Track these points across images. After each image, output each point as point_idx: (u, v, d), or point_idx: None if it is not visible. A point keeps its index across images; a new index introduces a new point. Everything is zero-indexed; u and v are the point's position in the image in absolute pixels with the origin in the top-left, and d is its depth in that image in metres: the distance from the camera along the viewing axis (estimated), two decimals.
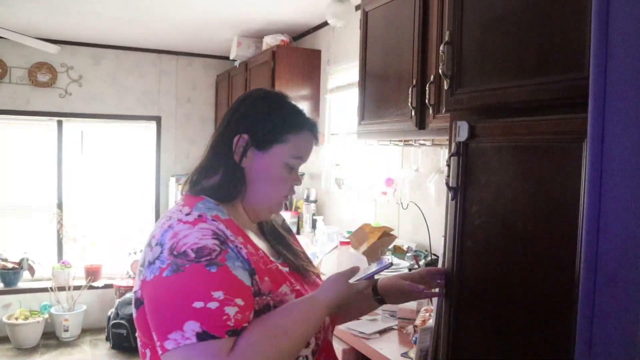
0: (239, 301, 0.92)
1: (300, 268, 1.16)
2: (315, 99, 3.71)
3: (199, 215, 0.99)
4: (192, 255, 0.92)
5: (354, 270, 1.11)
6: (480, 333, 1.13)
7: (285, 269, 1.11)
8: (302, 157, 1.12)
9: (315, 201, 3.51)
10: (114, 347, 4.15)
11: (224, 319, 0.89)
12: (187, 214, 0.99)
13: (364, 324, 1.91)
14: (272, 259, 1.08)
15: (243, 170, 1.09)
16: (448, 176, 1.20)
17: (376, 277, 1.18)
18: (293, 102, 1.16)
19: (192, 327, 0.87)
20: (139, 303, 0.99)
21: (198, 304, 0.89)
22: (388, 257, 1.13)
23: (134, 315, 1.01)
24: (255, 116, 1.10)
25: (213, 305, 0.89)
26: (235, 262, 0.96)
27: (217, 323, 0.89)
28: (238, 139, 1.08)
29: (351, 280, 1.09)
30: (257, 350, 0.91)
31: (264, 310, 0.99)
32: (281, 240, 1.22)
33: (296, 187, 1.18)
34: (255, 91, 1.19)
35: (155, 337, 0.92)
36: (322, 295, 1.04)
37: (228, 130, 1.10)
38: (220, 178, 1.09)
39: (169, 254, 0.93)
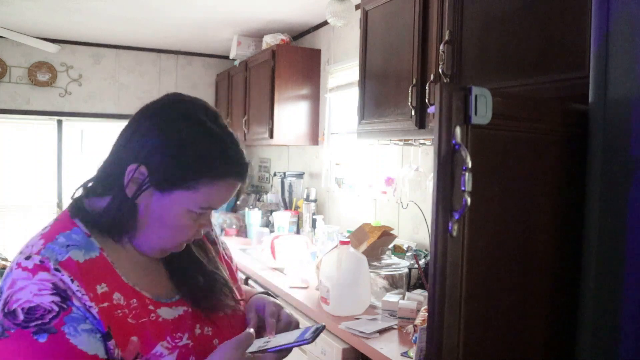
0: None
1: (204, 303, 0.94)
2: (315, 99, 3.71)
3: (41, 262, 0.78)
4: (21, 317, 0.75)
5: (250, 337, 0.87)
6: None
7: (181, 310, 0.90)
8: (215, 206, 0.90)
9: (315, 200, 3.51)
10: None
11: None
12: (28, 257, 0.79)
13: (364, 324, 1.91)
14: (160, 300, 0.89)
15: (135, 206, 0.87)
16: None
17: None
18: (221, 131, 0.88)
19: None
20: None
21: None
22: (316, 326, 0.91)
23: None
24: (159, 147, 0.84)
25: None
26: (79, 325, 0.77)
27: None
28: (134, 170, 0.84)
29: (251, 350, 0.86)
30: None
31: None
32: (189, 262, 0.98)
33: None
34: (173, 104, 0.90)
35: None
36: None
37: (126, 150, 0.87)
38: (106, 205, 0.88)
39: (1, 310, 0.77)
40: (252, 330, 0.89)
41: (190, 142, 0.85)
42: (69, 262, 0.80)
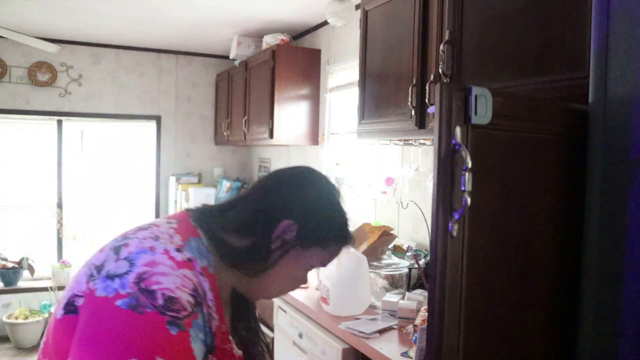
0: None
1: (255, 357, 0.98)
2: (315, 99, 3.71)
3: (189, 259, 0.81)
4: (160, 301, 0.74)
5: None
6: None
7: (238, 353, 0.92)
8: (327, 264, 0.99)
9: None
10: None
11: None
12: (178, 250, 0.81)
13: (364, 324, 1.91)
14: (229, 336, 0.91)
15: (273, 254, 0.91)
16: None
17: None
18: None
19: None
20: (72, 308, 0.76)
21: None
22: None
23: (57, 317, 0.78)
24: (314, 207, 0.93)
25: None
26: (200, 332, 0.79)
27: None
28: (289, 225, 0.90)
29: None
30: None
31: None
32: (244, 311, 1.01)
33: None
34: (314, 171, 0.99)
35: None
36: None
37: (277, 205, 0.91)
38: (245, 245, 0.90)
39: (134, 282, 0.75)
40: None
41: (335, 206, 0.95)
42: (206, 270, 0.83)
